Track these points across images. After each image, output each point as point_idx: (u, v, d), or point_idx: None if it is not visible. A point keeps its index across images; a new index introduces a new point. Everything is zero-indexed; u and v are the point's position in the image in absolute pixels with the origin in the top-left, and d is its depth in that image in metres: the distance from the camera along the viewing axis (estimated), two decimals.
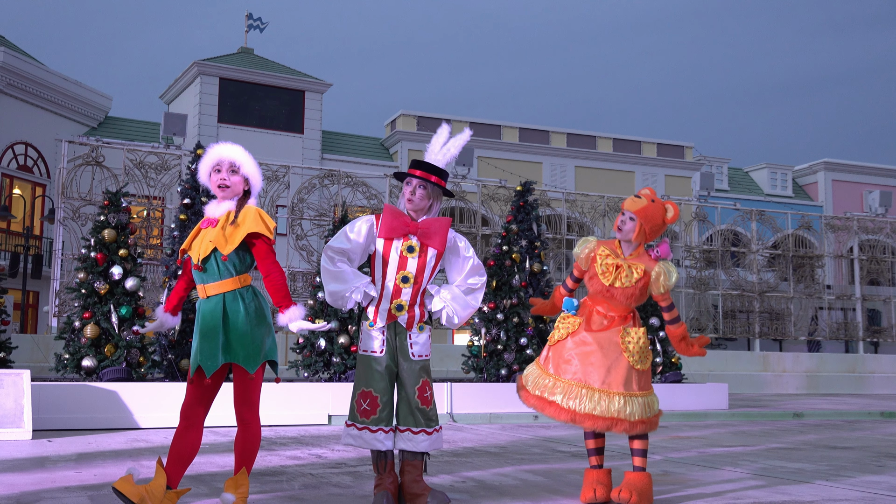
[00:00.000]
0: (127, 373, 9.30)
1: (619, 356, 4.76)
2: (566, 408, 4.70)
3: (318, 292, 10.94)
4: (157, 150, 16.22)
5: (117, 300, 9.46)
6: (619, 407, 4.67)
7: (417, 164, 4.66)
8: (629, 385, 4.73)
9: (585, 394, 4.70)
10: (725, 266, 22.03)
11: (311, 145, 29.62)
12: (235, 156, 4.30)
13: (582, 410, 4.66)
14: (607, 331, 4.83)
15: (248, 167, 4.31)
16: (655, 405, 4.86)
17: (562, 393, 4.74)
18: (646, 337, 4.87)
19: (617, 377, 4.72)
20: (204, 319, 4.17)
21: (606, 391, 4.69)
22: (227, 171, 4.27)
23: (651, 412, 4.79)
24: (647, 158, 34.63)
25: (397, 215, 4.61)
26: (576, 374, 4.75)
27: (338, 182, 17.03)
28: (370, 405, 4.45)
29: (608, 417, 4.64)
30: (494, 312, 11.73)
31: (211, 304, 4.17)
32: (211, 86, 28.69)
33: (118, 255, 9.58)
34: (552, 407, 4.75)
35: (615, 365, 4.74)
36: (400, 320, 4.56)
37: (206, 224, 4.27)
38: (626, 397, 4.70)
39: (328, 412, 9.97)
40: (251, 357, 4.13)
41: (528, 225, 12.87)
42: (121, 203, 9.89)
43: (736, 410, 12.58)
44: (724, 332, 21.68)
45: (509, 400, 11.12)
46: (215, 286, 4.18)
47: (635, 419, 4.68)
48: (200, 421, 4.20)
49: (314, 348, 10.74)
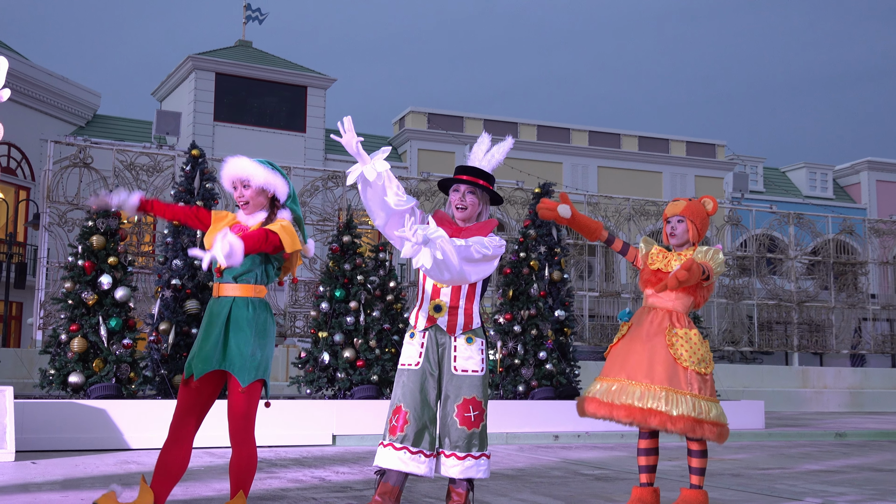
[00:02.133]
0: (116, 389, 9.32)
1: (666, 354, 4.92)
2: (605, 402, 4.89)
3: (320, 303, 10.96)
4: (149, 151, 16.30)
5: (106, 311, 9.49)
6: (657, 399, 4.80)
7: (464, 168, 4.67)
8: (675, 382, 4.86)
9: (626, 388, 4.88)
10: (761, 274, 21.93)
11: (314, 145, 29.70)
12: (241, 171, 4.39)
13: (618, 402, 4.84)
14: (656, 329, 5.01)
15: (258, 177, 4.38)
16: (715, 412, 4.93)
17: (604, 391, 4.95)
18: (700, 337, 4.99)
19: (661, 372, 4.87)
20: (209, 319, 4.29)
21: (648, 385, 4.84)
22: (241, 188, 4.40)
23: (705, 415, 4.83)
24: (676, 158, 34.55)
25: (445, 221, 4.64)
26: (619, 373, 4.96)
27: (343, 184, 17.06)
28: (398, 421, 4.45)
29: (646, 409, 4.78)
30: (511, 324, 11.71)
31: (220, 305, 4.30)
32: (206, 81, 28.81)
33: (107, 263, 9.61)
34: (593, 403, 4.96)
35: (659, 361, 4.90)
36: (440, 323, 4.54)
37: (237, 230, 4.37)
38: (671, 392, 4.82)
39: (332, 432, 9.97)
40: (245, 369, 4.19)
41: (548, 230, 12.85)
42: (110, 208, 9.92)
43: (773, 430, 12.52)
44: (759, 345, 21.57)
45: (527, 418, 11.10)
46: (228, 288, 4.32)
47: (676, 414, 4.76)
48: (190, 436, 4.25)
49: (317, 363, 10.75)
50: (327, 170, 17.69)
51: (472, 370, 4.55)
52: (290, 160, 27.16)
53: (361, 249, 11.47)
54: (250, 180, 4.37)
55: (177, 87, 30.58)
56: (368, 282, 11.23)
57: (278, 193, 4.42)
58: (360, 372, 10.65)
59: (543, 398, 11.52)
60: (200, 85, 28.75)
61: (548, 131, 33.42)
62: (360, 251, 11.37)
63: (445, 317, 4.52)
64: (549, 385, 11.66)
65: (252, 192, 4.37)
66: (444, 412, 4.52)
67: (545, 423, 11.15)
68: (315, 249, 17.25)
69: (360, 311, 10.94)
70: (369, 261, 11.70)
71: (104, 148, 16.48)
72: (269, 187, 4.40)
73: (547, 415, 11.19)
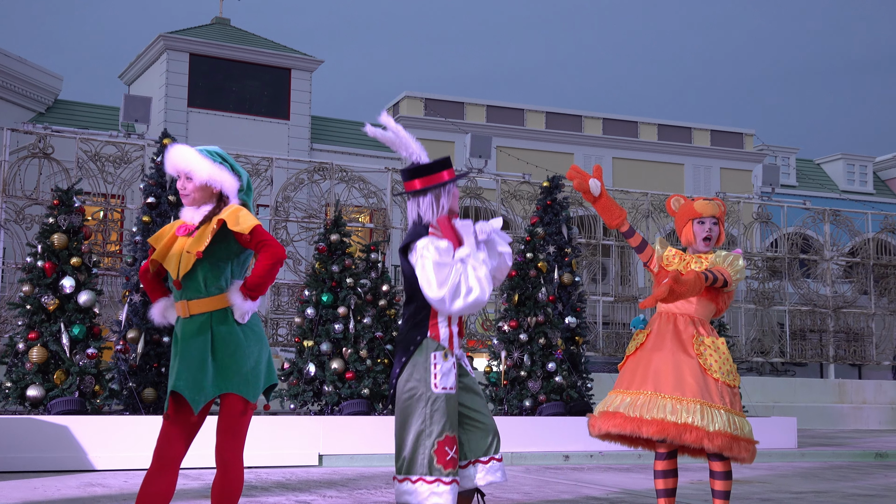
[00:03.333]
0: (80, 404, 9.32)
1: (693, 364, 4.97)
2: (631, 416, 4.91)
3: (306, 308, 10.97)
4: (116, 140, 16.30)
5: (69, 318, 9.50)
6: (692, 413, 4.83)
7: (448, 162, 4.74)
8: (706, 395, 4.89)
9: (654, 401, 4.91)
10: (793, 277, 21.95)
11: (299, 133, 29.70)
12: (182, 164, 4.35)
13: (647, 416, 4.86)
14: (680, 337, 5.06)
15: (201, 173, 4.33)
16: (747, 428, 4.95)
17: (627, 403, 4.98)
18: (725, 347, 5.03)
19: (691, 384, 4.91)
20: (187, 344, 4.18)
21: (679, 398, 4.88)
22: (184, 180, 4.37)
23: (740, 431, 4.87)
24: (700, 148, 34.58)
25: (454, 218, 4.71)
26: (643, 385, 4.99)
27: (330, 177, 17.07)
28: (456, 453, 4.47)
29: (680, 424, 4.80)
30: (516, 332, 11.73)
31: (195, 324, 4.20)
32: (180, 63, 28.81)
33: (70, 264, 9.62)
34: (617, 418, 4.96)
35: (688, 371, 4.95)
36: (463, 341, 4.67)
37: (183, 231, 4.31)
38: (705, 406, 4.86)
39: (319, 451, 9.97)
40: (250, 384, 4.18)
41: (557, 228, 12.86)
42: (73, 203, 9.93)
43: (806, 449, 12.52)
44: (791, 355, 21.59)
45: (535, 437, 11.11)
46: (200, 304, 4.21)
47: (713, 430, 4.79)
48: (177, 462, 4.19)
49: (302, 375, 10.76)
50: (313, 161, 17.70)
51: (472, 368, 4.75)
52: (273, 150, 27.16)
53: (351, 249, 11.48)
54: (192, 175, 4.34)
55: (147, 70, 30.58)
56: (359, 285, 11.24)
57: (225, 190, 4.36)
58: (350, 385, 10.66)
59: (552, 414, 11.53)
60: (173, 67, 28.75)
61: (557, 119, 33.43)
62: (349, 251, 11.38)
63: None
64: (559, 400, 11.67)
65: (194, 187, 4.33)
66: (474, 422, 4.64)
67: (554, 442, 11.15)
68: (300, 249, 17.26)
69: (349, 317, 10.95)
70: (360, 262, 11.71)
71: (66, 136, 16.48)
72: (214, 184, 4.34)
73: (556, 432, 11.20)
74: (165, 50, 28.85)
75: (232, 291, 4.19)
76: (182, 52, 28.88)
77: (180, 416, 4.18)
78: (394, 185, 17.76)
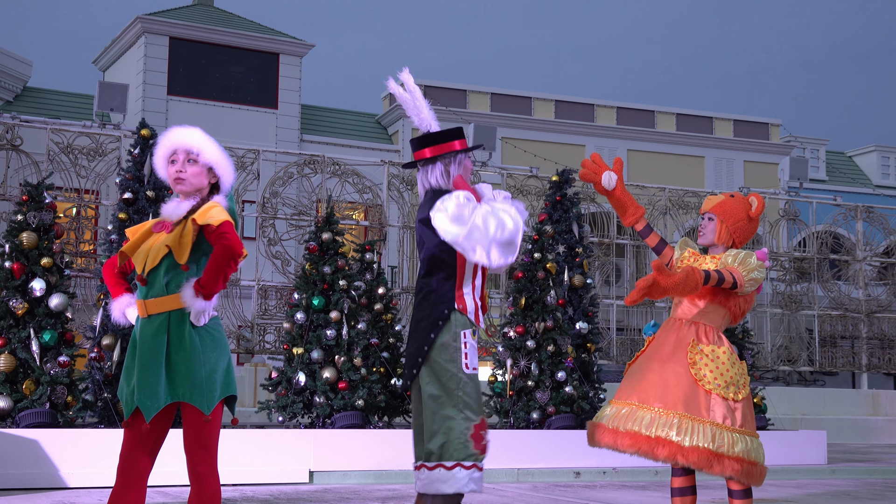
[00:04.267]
0: (51, 416, 9.33)
1: (686, 374, 4.97)
2: (610, 428, 4.96)
3: (295, 313, 10.98)
4: (91, 131, 16.30)
5: (39, 323, 9.50)
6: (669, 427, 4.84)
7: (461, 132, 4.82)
8: (692, 408, 4.89)
9: (635, 412, 4.94)
10: (823, 278, 21.95)
11: (288, 123, 29.72)
12: (192, 141, 4.33)
13: (623, 428, 4.90)
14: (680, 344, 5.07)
15: (210, 153, 4.34)
16: (741, 446, 4.92)
17: (611, 416, 5.02)
18: (732, 356, 4.99)
19: (678, 395, 4.92)
20: (143, 345, 4.18)
21: (661, 410, 4.90)
22: (183, 162, 4.31)
23: (728, 449, 4.85)
24: (722, 140, 34.59)
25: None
26: (631, 395, 5.02)
27: (322, 171, 17.07)
28: (488, 437, 4.55)
29: (653, 438, 4.83)
30: (523, 338, 11.73)
31: (153, 325, 4.19)
32: (158, 47, 28.83)
33: (40, 265, 9.62)
34: (598, 431, 5.03)
35: (677, 383, 4.96)
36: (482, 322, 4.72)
37: (160, 228, 4.29)
38: (685, 419, 4.86)
39: (309, 467, 9.98)
40: (204, 393, 4.15)
41: (567, 226, 12.87)
42: (44, 198, 9.94)
43: (837, 466, 12.53)
44: (821, 363, 21.59)
45: (543, 451, 11.12)
46: (158, 303, 4.20)
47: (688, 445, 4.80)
48: (143, 476, 4.20)
49: (291, 385, 10.77)
50: (304, 153, 17.70)
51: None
52: (260, 141, 27.17)
53: (344, 249, 11.48)
54: (200, 154, 4.31)
55: (123, 55, 30.60)
56: (352, 287, 11.25)
57: (224, 182, 4.36)
58: (343, 396, 10.66)
59: (562, 427, 11.54)
60: (151, 52, 28.77)
61: (568, 108, 33.44)
62: (342, 251, 11.38)
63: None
64: (569, 412, 11.68)
65: (196, 171, 4.30)
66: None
67: (564, 457, 11.16)
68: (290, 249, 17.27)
69: (342, 322, 10.96)
70: (353, 262, 11.72)
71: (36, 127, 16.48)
72: (219, 170, 4.35)
73: (566, 447, 11.21)
74: (143, 33, 28.86)
75: (184, 289, 4.15)
76: (161, 36, 28.89)
77: (139, 425, 4.18)
78: (391, 180, 17.76)
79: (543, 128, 32.59)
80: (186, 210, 4.27)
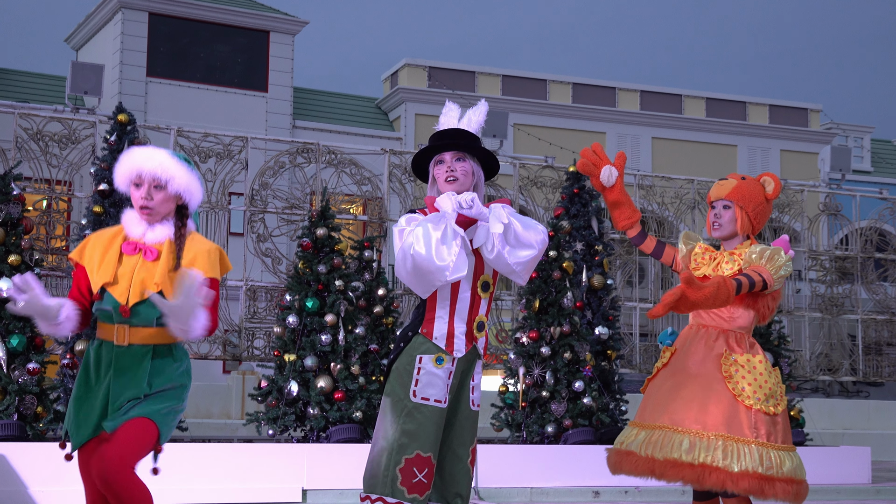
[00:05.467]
0: (19, 429, 9.36)
1: (722, 390, 4.94)
2: (643, 456, 4.92)
3: (286, 315, 11.00)
4: (62, 116, 16.33)
5: (6, 326, 9.53)
6: (712, 452, 4.80)
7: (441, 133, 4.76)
8: (733, 427, 4.85)
9: (671, 437, 4.90)
10: (867, 279, 21.92)
11: (279, 108, 29.74)
12: (160, 169, 4.35)
13: (661, 457, 4.86)
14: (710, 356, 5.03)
15: (179, 181, 4.38)
16: (789, 465, 4.93)
17: (643, 442, 4.97)
18: (768, 365, 4.96)
19: (717, 415, 4.88)
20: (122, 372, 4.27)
21: (700, 432, 4.85)
22: (149, 189, 4.35)
23: (777, 470, 4.85)
24: (756, 127, 34.56)
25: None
26: (660, 416, 4.98)
27: (316, 160, 17.08)
28: (427, 477, 4.46)
29: (697, 465, 4.76)
30: (537, 345, 11.74)
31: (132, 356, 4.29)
32: (137, 24, 28.86)
33: (7, 262, 9.65)
34: (629, 460, 5.00)
35: (714, 400, 4.92)
36: (478, 345, 4.65)
37: (133, 250, 4.34)
38: (730, 441, 4.82)
39: (302, 485, 10.00)
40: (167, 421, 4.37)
41: (586, 221, 12.87)
42: (11, 190, 9.97)
43: (882, 485, 12.52)
44: (865, 373, 21.57)
45: (559, 469, 11.12)
46: (144, 335, 4.30)
47: (737, 471, 4.78)
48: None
49: (282, 395, 10.78)
50: (296, 141, 17.71)
51: (477, 403, 4.70)
52: (248, 127, 27.19)
53: (341, 246, 11.50)
54: (170, 182, 4.36)
55: (98, 32, 30.63)
56: (350, 288, 11.26)
57: (192, 203, 4.44)
58: (339, 407, 10.68)
59: (579, 442, 11.54)
60: (129, 29, 28.79)
61: (587, 91, 33.43)
62: (338, 248, 11.40)
63: (483, 338, 4.66)
64: (588, 425, 11.68)
65: (163, 198, 4.35)
66: (453, 457, 4.58)
67: (582, 475, 11.17)
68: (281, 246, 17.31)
69: (338, 326, 10.98)
70: (351, 261, 11.73)
71: (3, 111, 16.51)
72: (187, 196, 4.42)
73: (584, 463, 11.21)
74: (120, 8, 28.89)
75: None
76: (140, 12, 28.92)
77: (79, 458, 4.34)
78: (392, 170, 17.78)
79: (559, 113, 32.58)
80: (166, 239, 4.36)
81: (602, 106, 33.22)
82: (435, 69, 31.83)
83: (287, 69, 30.12)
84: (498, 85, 31.88)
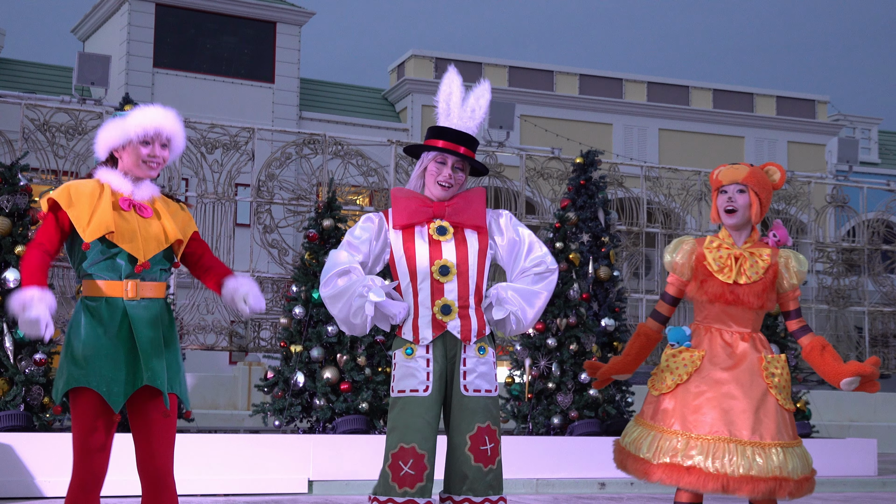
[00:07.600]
0: (26, 419, 9.37)
1: (766, 395, 4.91)
2: (713, 472, 4.78)
3: (293, 306, 11.00)
4: (69, 106, 16.33)
5: (12, 317, 9.53)
6: (779, 462, 4.79)
7: (451, 133, 4.73)
8: (783, 433, 4.88)
9: (735, 450, 4.80)
10: (874, 271, 21.88)
11: (286, 99, 29.73)
12: (172, 127, 4.49)
13: (736, 473, 4.75)
14: (744, 361, 4.96)
15: (180, 141, 4.55)
16: (810, 458, 5.00)
17: (702, 453, 4.83)
18: (788, 365, 4.96)
19: (769, 424, 4.86)
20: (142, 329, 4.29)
21: (760, 443, 4.81)
22: (158, 147, 4.45)
23: (809, 467, 4.88)
24: (763, 118, 34.50)
25: (413, 196, 4.68)
26: (714, 426, 4.85)
27: (323, 151, 17.07)
28: (415, 467, 4.43)
29: (769, 478, 4.74)
30: (544, 336, 11.73)
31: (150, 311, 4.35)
32: (144, 15, 28.85)
33: (14, 253, 9.65)
34: (693, 474, 4.83)
35: (763, 407, 4.89)
36: (451, 329, 4.58)
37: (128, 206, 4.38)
38: (785, 449, 4.85)
39: (308, 476, 10.00)
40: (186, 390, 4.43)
41: (592, 212, 12.85)
42: (18, 181, 9.96)
43: (888, 478, 12.51)
44: None
45: (565, 460, 11.12)
46: (154, 288, 4.39)
47: (798, 476, 4.83)
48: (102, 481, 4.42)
49: (289, 386, 10.79)
50: (303, 132, 17.71)
51: (485, 389, 4.59)
52: (255, 119, 27.19)
53: None
54: (175, 142, 4.52)
55: (105, 23, 30.63)
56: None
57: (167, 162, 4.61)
58: (346, 398, 10.69)
59: (585, 433, 11.54)
60: (136, 20, 28.79)
61: (593, 82, 33.37)
62: None
63: (457, 320, 4.56)
64: (594, 417, 11.68)
65: (166, 157, 4.50)
66: (451, 445, 4.55)
67: (588, 467, 11.16)
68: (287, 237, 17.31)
69: None
70: None
71: (9, 102, 16.52)
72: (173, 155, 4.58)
73: (590, 455, 11.21)
74: (127, 0, 28.87)
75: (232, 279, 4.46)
76: (147, 2, 28.90)
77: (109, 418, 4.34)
78: (398, 161, 17.76)
79: (566, 105, 32.53)
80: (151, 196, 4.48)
81: (609, 97, 33.16)
82: (442, 60, 31.79)
83: (294, 60, 30.11)
84: (505, 76, 31.82)
